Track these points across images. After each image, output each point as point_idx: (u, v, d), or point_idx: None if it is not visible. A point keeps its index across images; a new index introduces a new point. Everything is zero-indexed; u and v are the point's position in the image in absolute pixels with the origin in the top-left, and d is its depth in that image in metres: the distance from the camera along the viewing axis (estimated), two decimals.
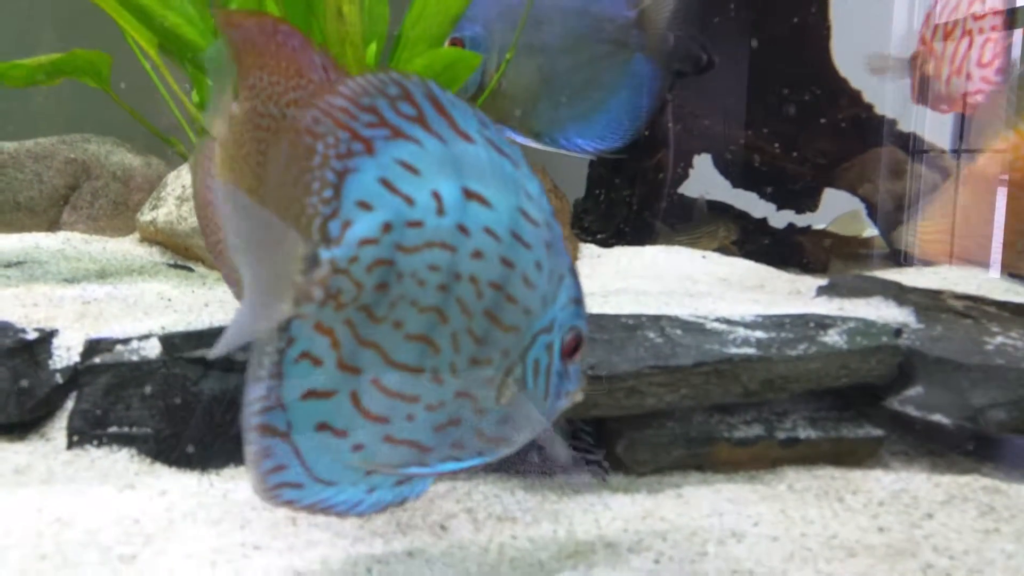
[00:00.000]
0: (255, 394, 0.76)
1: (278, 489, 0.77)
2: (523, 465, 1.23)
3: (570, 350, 0.86)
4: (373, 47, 1.94)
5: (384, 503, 0.82)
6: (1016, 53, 2.21)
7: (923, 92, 2.28)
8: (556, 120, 1.93)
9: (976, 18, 2.21)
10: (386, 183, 0.75)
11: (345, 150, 0.74)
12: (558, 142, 1.96)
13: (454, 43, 1.92)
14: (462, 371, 0.80)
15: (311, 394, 0.77)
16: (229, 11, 0.87)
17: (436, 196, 0.75)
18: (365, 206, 0.74)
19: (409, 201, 0.75)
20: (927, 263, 2.20)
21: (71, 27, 2.41)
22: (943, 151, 2.34)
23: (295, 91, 0.85)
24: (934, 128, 2.36)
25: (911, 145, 2.36)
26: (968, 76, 2.24)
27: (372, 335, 0.76)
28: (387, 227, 0.74)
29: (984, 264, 2.02)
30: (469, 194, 0.77)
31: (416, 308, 0.76)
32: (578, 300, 0.86)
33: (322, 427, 0.78)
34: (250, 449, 0.76)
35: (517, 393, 0.83)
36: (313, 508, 0.79)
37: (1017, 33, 2.24)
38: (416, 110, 0.76)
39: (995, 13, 2.20)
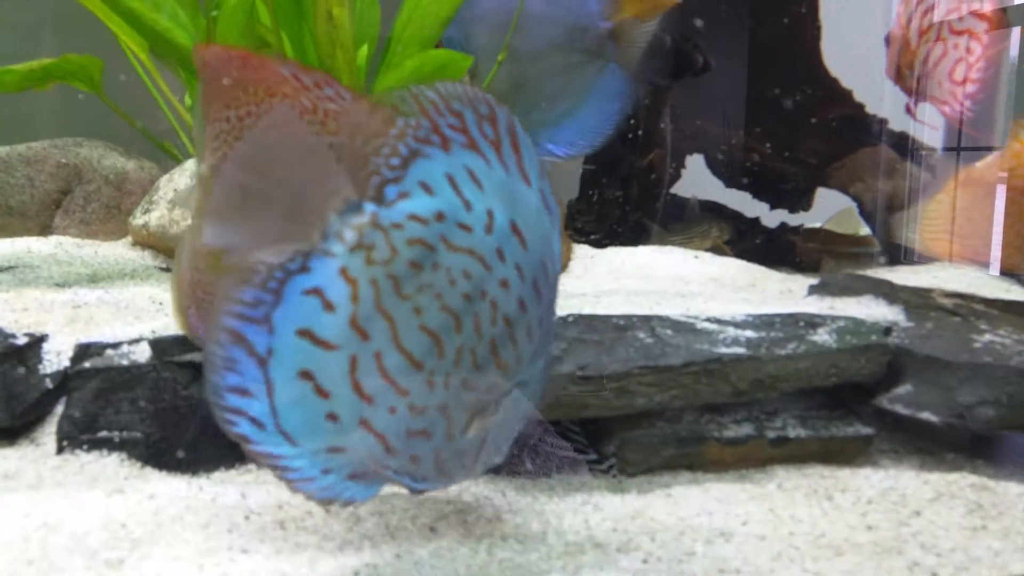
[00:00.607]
0: (239, 295, 0.73)
1: (235, 415, 0.74)
2: (513, 466, 1.23)
3: (527, 415, 0.90)
4: (364, 49, 1.94)
5: (330, 493, 0.79)
6: (1008, 61, 2.22)
7: (899, 74, 2.28)
8: (527, 125, 1.95)
9: (954, 31, 2.21)
10: (451, 180, 0.78)
11: (424, 136, 0.78)
12: None
13: None
14: (452, 387, 0.81)
15: (309, 335, 0.75)
16: (201, 49, 0.85)
17: (490, 214, 0.79)
18: (426, 189, 0.77)
19: (467, 206, 0.78)
20: (925, 260, 2.21)
21: (69, 32, 2.41)
22: (933, 149, 2.35)
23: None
24: (923, 127, 2.37)
25: (909, 144, 2.37)
26: (939, 84, 2.25)
27: (392, 307, 0.77)
28: (440, 216, 0.77)
29: (985, 265, 2.03)
30: (514, 228, 0.81)
31: (439, 303, 0.78)
32: (548, 369, 0.91)
33: (305, 376, 0.75)
34: (213, 351, 0.73)
35: (482, 432, 0.85)
36: (263, 458, 0.75)
37: (1014, 40, 2.24)
38: (496, 136, 0.81)
39: (971, 34, 2.20)
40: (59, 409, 1.25)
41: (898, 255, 2.33)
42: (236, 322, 0.73)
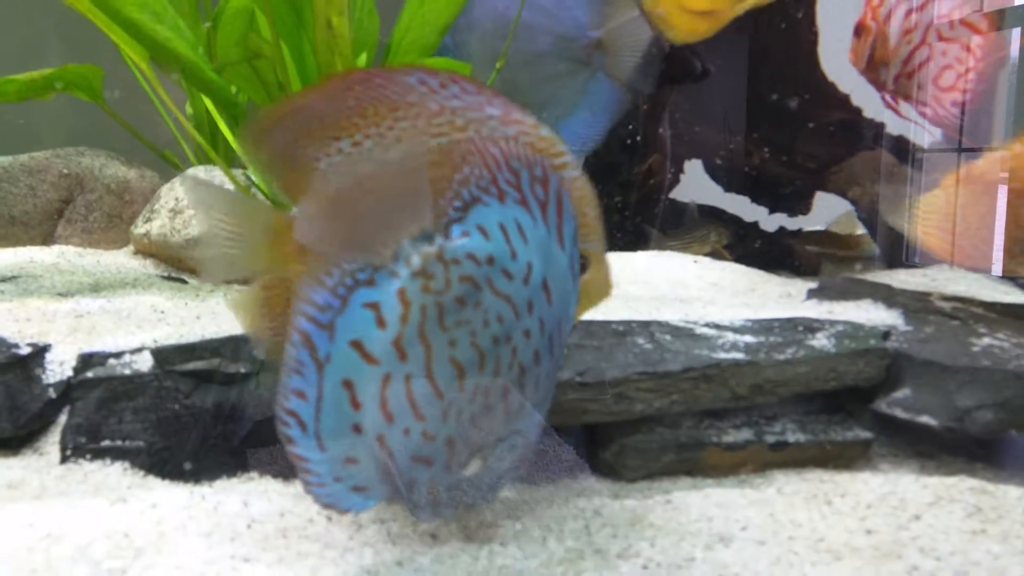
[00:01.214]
0: (313, 296, 0.77)
1: (290, 416, 0.77)
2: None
3: (517, 464, 0.93)
4: (363, 58, 1.95)
5: (333, 500, 0.82)
6: (1009, 62, 2.22)
7: (871, 66, 2.27)
8: None
9: (942, 37, 2.21)
10: (503, 229, 0.83)
11: (484, 185, 0.83)
12: None
13: None
14: (463, 422, 0.85)
15: (359, 347, 0.78)
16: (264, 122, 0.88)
17: (529, 267, 0.84)
18: (484, 232, 0.82)
19: (514, 255, 0.83)
20: (923, 263, 2.21)
21: (69, 43, 2.43)
22: (931, 151, 2.35)
23: (404, 129, 0.87)
24: (920, 131, 2.37)
25: (909, 149, 2.37)
26: (919, 87, 2.25)
27: (432, 335, 0.80)
28: (491, 260, 0.82)
29: (985, 269, 2.03)
30: (544, 285, 0.86)
31: (471, 339, 0.82)
32: (542, 428, 0.95)
33: (347, 385, 0.79)
34: (287, 352, 0.77)
35: (476, 471, 0.88)
36: (298, 460, 0.79)
37: (1015, 41, 2.24)
38: (545, 198, 0.86)
39: (963, 45, 2.20)
40: (62, 419, 1.25)
41: (897, 257, 2.33)
42: (308, 324, 0.76)
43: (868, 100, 2.32)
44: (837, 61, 2.33)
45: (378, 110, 0.87)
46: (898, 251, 2.34)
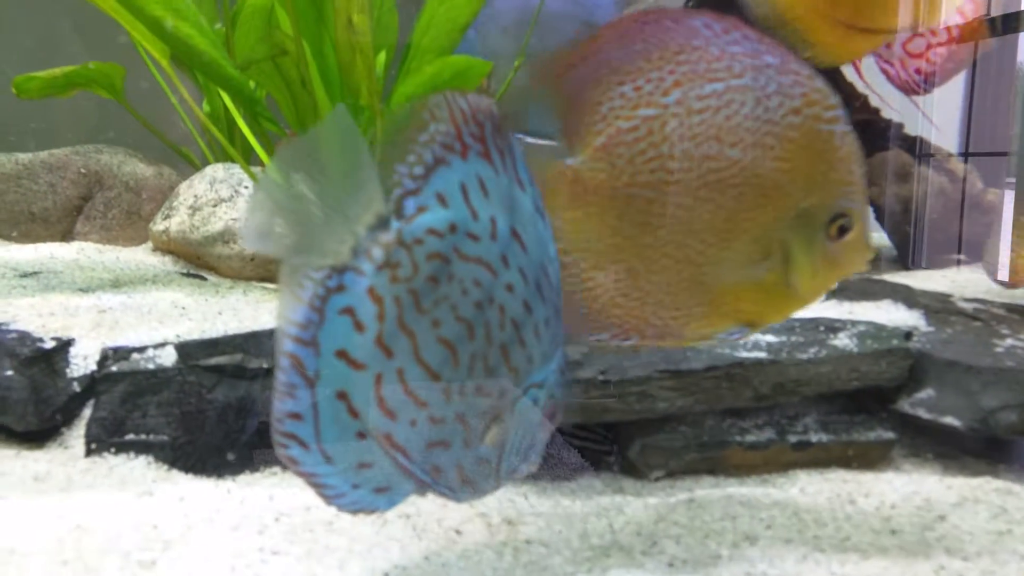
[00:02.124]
0: (294, 316, 0.74)
1: (288, 439, 0.75)
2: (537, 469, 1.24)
3: (548, 416, 0.90)
4: (383, 56, 1.96)
5: (359, 506, 0.80)
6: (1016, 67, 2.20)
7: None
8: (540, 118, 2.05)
9: (933, 42, 2.18)
10: (464, 189, 0.79)
11: (448, 143, 0.78)
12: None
13: None
14: (468, 394, 0.82)
15: (344, 356, 0.75)
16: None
17: (493, 222, 0.80)
18: (442, 200, 0.78)
19: (474, 215, 0.79)
20: (936, 264, 2.19)
21: (83, 39, 2.44)
22: (951, 154, 2.34)
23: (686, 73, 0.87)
24: (940, 131, 2.36)
25: (918, 149, 2.36)
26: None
27: (413, 323, 0.77)
28: (453, 227, 0.77)
29: None
30: (514, 233, 0.81)
31: (454, 314, 0.78)
32: (564, 371, 0.90)
33: (342, 396, 0.76)
34: (279, 379, 0.74)
35: (501, 437, 0.85)
36: (306, 477, 0.77)
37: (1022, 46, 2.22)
38: (505, 145, 0.82)
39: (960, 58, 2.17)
40: (87, 412, 1.26)
41: (910, 259, 2.31)
42: (293, 346, 0.74)
43: (886, 101, 2.31)
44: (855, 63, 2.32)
45: (663, 53, 0.86)
46: (906, 253, 2.33)
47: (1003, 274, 1.76)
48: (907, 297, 1.57)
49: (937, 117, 2.32)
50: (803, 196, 0.89)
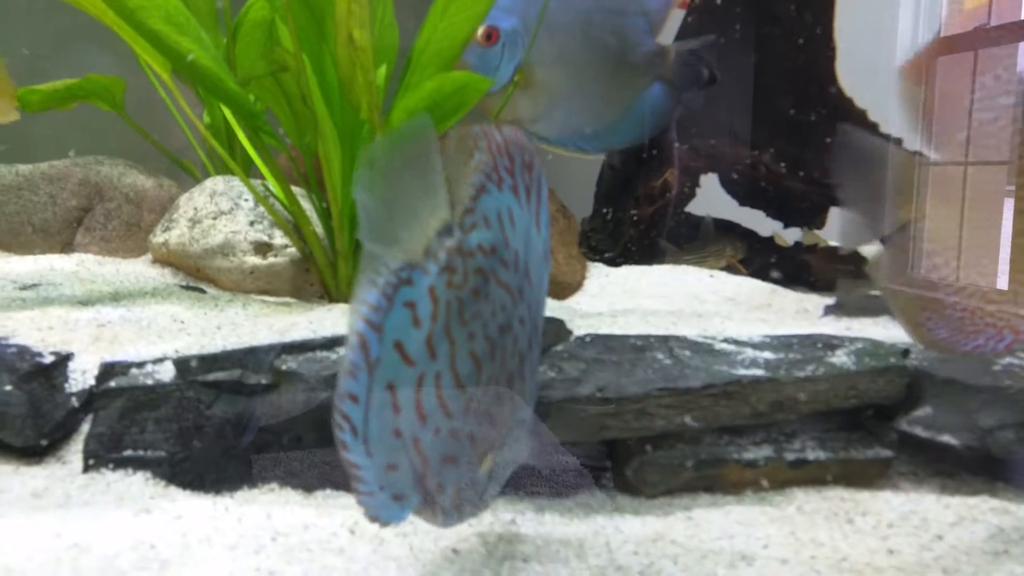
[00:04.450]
0: (368, 298, 0.76)
1: (344, 420, 0.76)
2: (533, 487, 1.24)
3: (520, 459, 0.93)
4: (383, 70, 1.97)
5: (379, 511, 0.79)
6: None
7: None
8: (568, 123, 2.17)
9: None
10: (500, 218, 0.84)
11: (488, 172, 0.83)
12: (566, 144, 2.20)
13: (489, 32, 2.05)
14: (481, 416, 0.84)
15: (400, 348, 0.77)
16: None
17: (517, 254, 0.85)
18: (487, 222, 0.83)
19: (507, 243, 0.84)
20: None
21: (83, 53, 2.45)
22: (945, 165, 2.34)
23: None
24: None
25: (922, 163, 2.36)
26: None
27: (455, 331, 0.80)
28: (493, 249, 0.83)
29: None
30: (527, 271, 0.86)
31: (484, 331, 0.82)
32: (536, 423, 0.99)
33: (390, 388, 0.77)
34: (347, 357, 0.75)
35: (491, 466, 0.87)
36: (350, 466, 0.77)
37: None
38: (534, 184, 0.87)
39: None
40: (85, 428, 1.26)
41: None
42: (363, 326, 0.75)
43: (885, 116, 2.32)
44: (854, 77, 2.33)
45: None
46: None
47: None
48: None
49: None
50: None
